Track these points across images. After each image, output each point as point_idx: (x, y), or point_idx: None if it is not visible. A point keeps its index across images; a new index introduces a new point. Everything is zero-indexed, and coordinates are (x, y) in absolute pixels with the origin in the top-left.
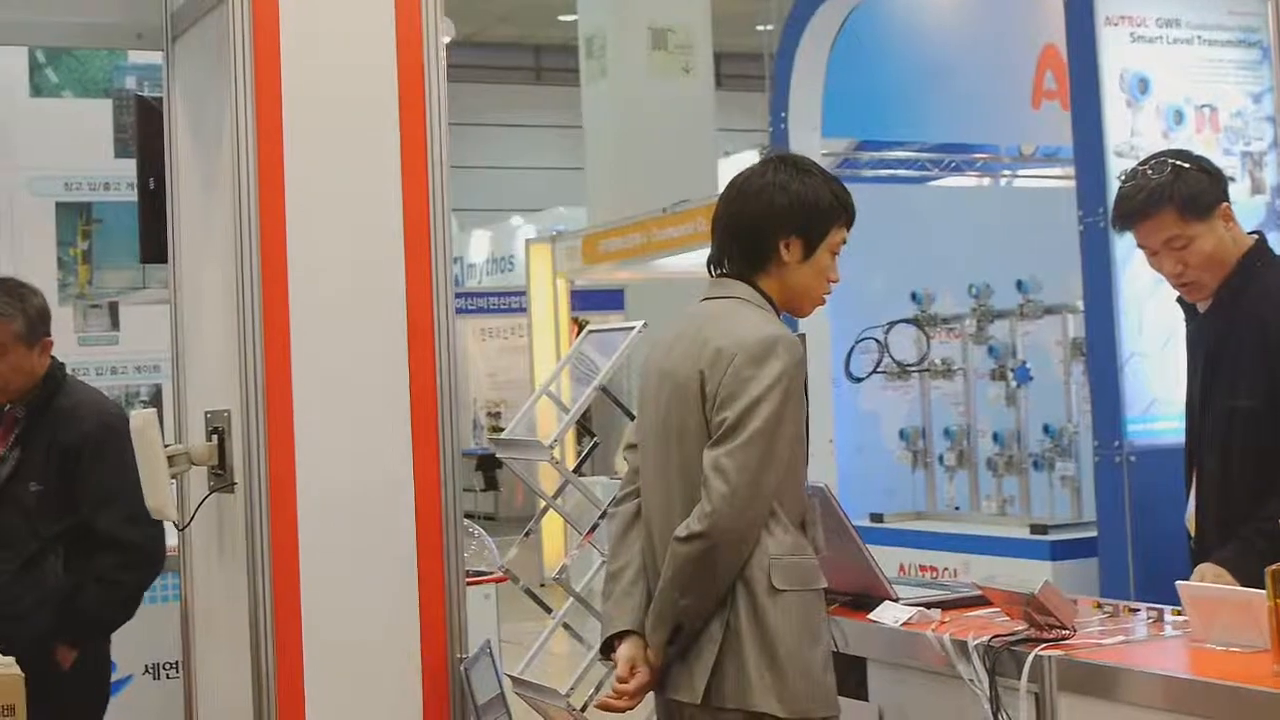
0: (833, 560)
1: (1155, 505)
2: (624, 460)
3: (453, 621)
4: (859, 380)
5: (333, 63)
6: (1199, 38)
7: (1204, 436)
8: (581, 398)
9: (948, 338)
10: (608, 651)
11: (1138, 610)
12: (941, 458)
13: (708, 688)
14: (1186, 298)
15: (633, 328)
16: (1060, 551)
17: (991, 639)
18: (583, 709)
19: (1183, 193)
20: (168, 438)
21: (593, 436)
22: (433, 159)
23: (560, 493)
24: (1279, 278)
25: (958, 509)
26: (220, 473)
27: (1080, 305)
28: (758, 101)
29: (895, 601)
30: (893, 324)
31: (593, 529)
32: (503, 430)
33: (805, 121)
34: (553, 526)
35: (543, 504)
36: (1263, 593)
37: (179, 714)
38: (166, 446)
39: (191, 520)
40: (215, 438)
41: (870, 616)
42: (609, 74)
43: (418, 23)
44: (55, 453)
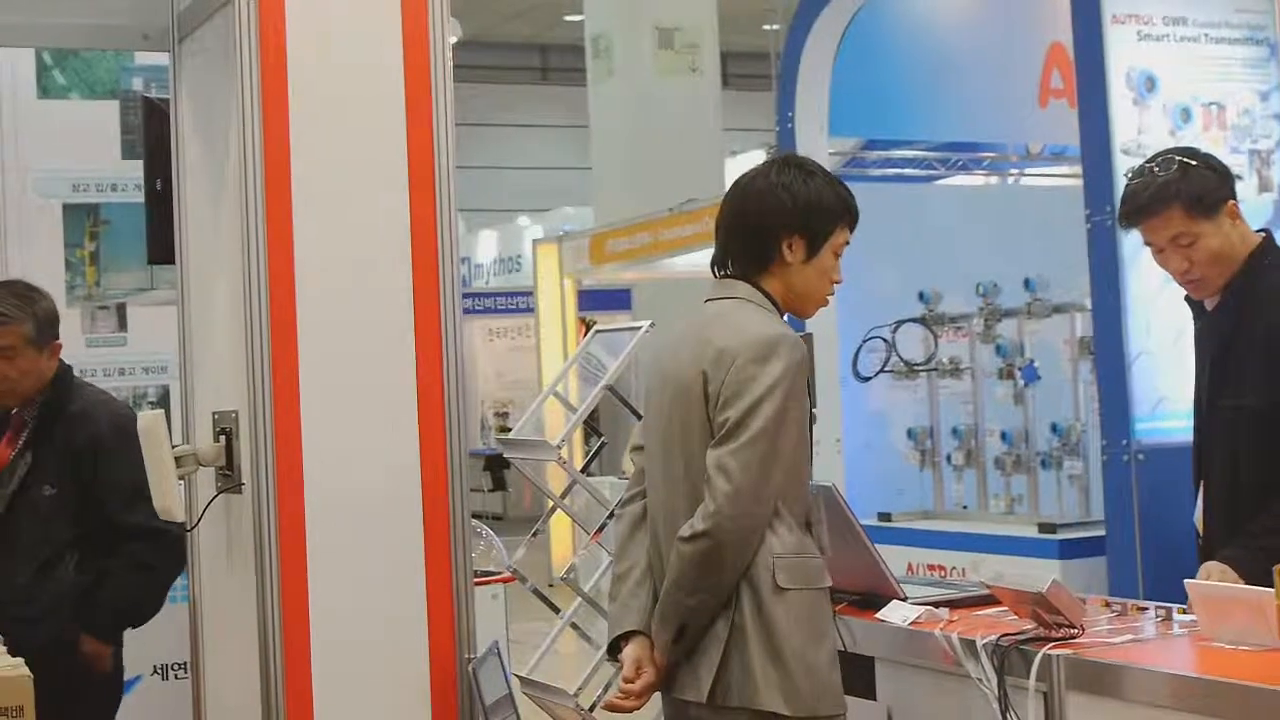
0: (840, 559)
1: (1163, 504)
2: (631, 461)
3: (461, 621)
4: (866, 379)
5: (339, 63)
6: (1206, 35)
7: (1212, 435)
8: (589, 398)
9: (955, 337)
10: (614, 652)
11: (1146, 609)
12: (949, 457)
13: (713, 687)
14: (1193, 295)
15: (640, 327)
16: (1068, 550)
17: (1000, 638)
18: (591, 709)
19: (1189, 190)
20: (175, 438)
21: (600, 436)
22: (439, 159)
23: (568, 492)
24: None
25: (965, 508)
26: (228, 473)
27: (1088, 304)
28: (764, 101)
29: (903, 600)
30: (900, 323)
31: (600, 529)
32: (510, 430)
33: (812, 121)
34: (560, 526)
35: (550, 504)
36: (1272, 591)
37: (187, 714)
38: (174, 447)
39: (199, 521)
40: (223, 438)
41: (878, 615)
42: (616, 74)
43: (424, 23)
44: (68, 455)
